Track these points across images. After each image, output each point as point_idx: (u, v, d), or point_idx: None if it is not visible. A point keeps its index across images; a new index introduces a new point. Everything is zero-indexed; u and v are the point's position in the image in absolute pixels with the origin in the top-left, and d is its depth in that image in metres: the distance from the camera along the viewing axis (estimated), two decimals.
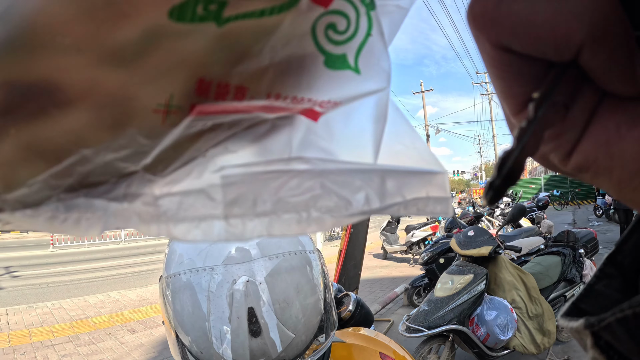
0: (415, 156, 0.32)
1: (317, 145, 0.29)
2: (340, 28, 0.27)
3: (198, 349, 0.90)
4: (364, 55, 0.29)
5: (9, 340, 6.37)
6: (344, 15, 0.27)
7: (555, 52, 0.21)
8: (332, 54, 0.27)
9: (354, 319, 1.60)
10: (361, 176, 0.29)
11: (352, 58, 0.28)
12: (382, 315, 7.08)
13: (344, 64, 0.28)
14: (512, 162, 0.21)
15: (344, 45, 0.28)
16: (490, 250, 4.27)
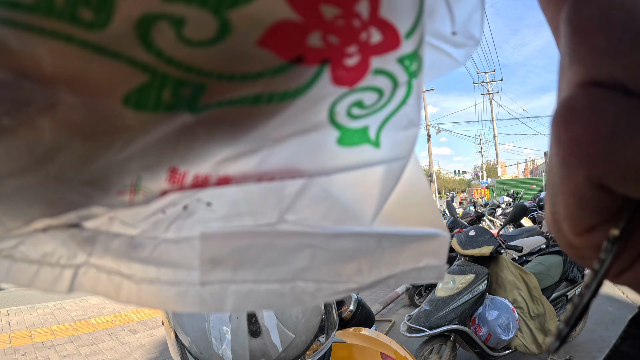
0: (421, 215, 0.29)
1: (311, 208, 0.25)
2: (368, 103, 0.23)
3: (198, 350, 0.90)
4: (389, 127, 0.25)
5: (10, 340, 6.37)
6: (376, 90, 0.23)
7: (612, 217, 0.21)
8: (349, 128, 0.23)
9: (355, 319, 1.60)
10: (356, 242, 0.26)
11: (374, 131, 0.24)
12: (383, 315, 7.08)
13: (362, 139, 0.24)
14: (580, 311, 0.21)
15: (367, 118, 0.24)
16: (491, 250, 4.26)
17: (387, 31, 0.21)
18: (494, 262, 4.40)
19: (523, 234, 7.51)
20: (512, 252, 5.12)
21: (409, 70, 0.23)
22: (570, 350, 4.95)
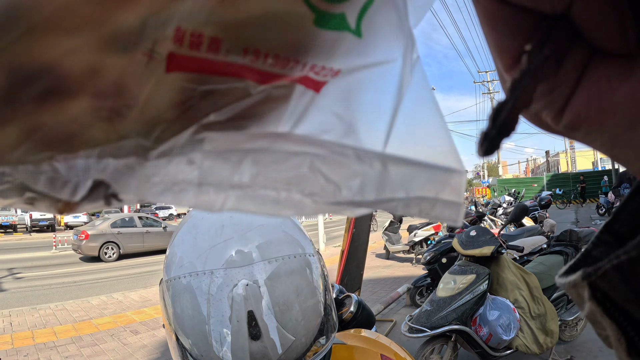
0: (434, 146, 0.27)
1: (317, 120, 0.26)
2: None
3: (198, 352, 0.90)
4: (369, 16, 0.25)
5: (12, 341, 6.39)
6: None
7: (548, 3, 0.21)
8: (325, 11, 0.23)
9: (356, 320, 1.60)
10: (361, 160, 0.25)
11: (354, 19, 0.24)
12: (384, 315, 7.08)
13: (340, 24, 0.24)
14: (507, 113, 0.21)
15: (343, 4, 0.24)
16: (492, 250, 4.26)
17: None
18: (495, 262, 4.41)
19: (524, 234, 7.51)
20: (513, 252, 5.12)
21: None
22: (572, 350, 4.96)
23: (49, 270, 13.59)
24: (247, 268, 0.89)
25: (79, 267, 14.18)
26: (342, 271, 5.94)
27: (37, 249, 19.29)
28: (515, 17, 0.22)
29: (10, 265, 14.24)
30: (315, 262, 1.00)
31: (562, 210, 26.31)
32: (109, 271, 13.30)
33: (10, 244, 22.46)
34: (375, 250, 13.75)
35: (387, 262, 11.99)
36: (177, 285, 0.91)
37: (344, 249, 5.97)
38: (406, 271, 10.46)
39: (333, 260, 10.55)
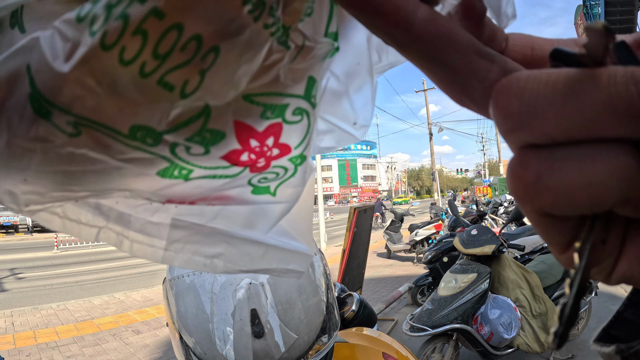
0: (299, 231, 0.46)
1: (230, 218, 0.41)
2: (270, 178, 0.40)
3: (202, 351, 0.91)
4: (282, 186, 0.41)
5: (14, 341, 6.40)
6: (274, 173, 0.40)
7: (591, 211, 0.22)
8: (259, 186, 0.40)
9: (357, 319, 1.61)
10: (252, 244, 0.42)
11: (273, 188, 0.41)
12: (386, 314, 7.09)
13: (265, 191, 0.41)
14: (569, 309, 0.23)
15: (269, 183, 0.41)
16: (493, 249, 4.27)
17: (282, 148, 0.38)
18: (496, 261, 4.41)
19: (525, 233, 7.51)
20: (514, 250, 5.12)
21: (295, 163, 0.40)
22: (573, 349, 4.96)
23: (50, 270, 13.59)
24: None
25: (81, 267, 14.18)
26: (343, 270, 5.94)
27: (38, 249, 19.31)
28: (562, 221, 0.24)
29: (12, 266, 14.25)
30: (317, 261, 1.00)
31: None
32: (111, 271, 13.31)
33: (11, 244, 22.47)
34: (376, 250, 13.75)
35: (389, 261, 11.99)
36: (181, 284, 0.92)
37: (345, 248, 5.97)
38: (407, 270, 10.46)
39: (334, 260, 10.55)
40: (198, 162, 0.36)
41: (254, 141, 0.37)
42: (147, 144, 0.34)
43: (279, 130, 0.38)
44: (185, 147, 0.34)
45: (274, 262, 0.43)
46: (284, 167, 0.40)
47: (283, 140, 0.38)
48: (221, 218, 0.41)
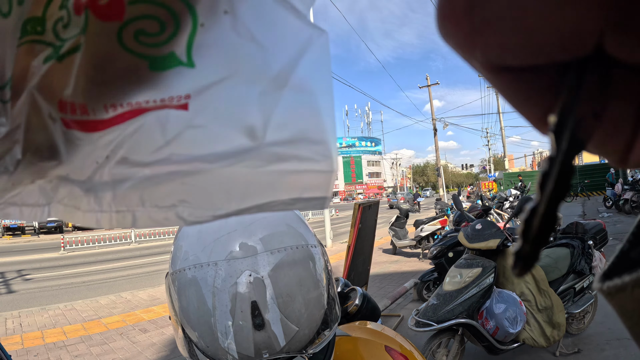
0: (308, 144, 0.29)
1: (190, 139, 0.30)
2: (152, 31, 0.28)
3: (204, 344, 0.92)
4: (198, 50, 0.29)
5: (22, 342, 6.43)
6: (153, 18, 0.28)
7: (565, 54, 0.16)
8: (154, 56, 0.29)
9: (361, 313, 1.61)
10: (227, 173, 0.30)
11: (184, 54, 0.29)
12: (392, 310, 7.09)
13: (172, 62, 0.29)
14: (540, 219, 0.18)
15: (167, 45, 0.29)
16: (498, 243, 4.26)
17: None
18: (500, 256, 4.40)
19: None
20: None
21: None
22: (579, 343, 4.94)
23: (57, 271, 13.66)
24: (251, 259, 0.90)
25: (88, 268, 14.23)
26: (348, 266, 5.94)
27: (45, 251, 19.39)
28: (528, 80, 0.18)
29: (20, 267, 14.32)
30: (317, 254, 1.01)
31: (569, 203, 26.19)
32: (118, 271, 13.35)
33: (18, 245, 22.57)
34: (382, 246, 13.74)
35: (394, 258, 11.98)
36: (183, 277, 0.93)
37: (350, 245, 5.97)
38: (413, 266, 10.46)
39: (340, 257, 10.56)
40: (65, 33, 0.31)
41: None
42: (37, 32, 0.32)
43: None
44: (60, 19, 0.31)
45: (270, 194, 0.30)
46: (162, 5, 0.28)
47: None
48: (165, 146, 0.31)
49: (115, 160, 0.33)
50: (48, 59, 0.33)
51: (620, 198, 17.25)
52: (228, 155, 0.29)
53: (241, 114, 0.29)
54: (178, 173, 0.31)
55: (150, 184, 0.32)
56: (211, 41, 0.29)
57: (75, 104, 0.33)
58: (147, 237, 22.37)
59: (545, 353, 4.76)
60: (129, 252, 18.29)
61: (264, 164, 0.29)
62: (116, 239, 21.41)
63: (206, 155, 0.29)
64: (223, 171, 0.29)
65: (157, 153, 0.31)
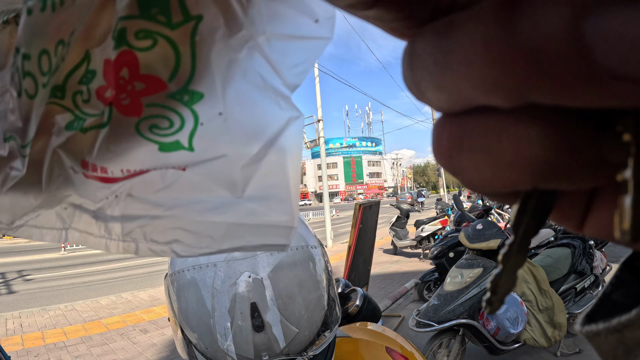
0: (278, 203, 0.38)
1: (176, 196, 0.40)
2: (163, 126, 0.38)
3: (204, 346, 0.91)
4: (198, 138, 0.38)
5: (22, 342, 6.43)
6: (163, 117, 0.38)
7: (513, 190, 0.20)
8: (163, 142, 0.39)
9: (362, 313, 1.61)
10: (211, 227, 0.39)
11: (185, 141, 0.38)
12: (392, 310, 7.09)
13: (177, 147, 0.39)
14: (506, 280, 0.22)
15: (174, 135, 0.39)
16: (499, 243, 4.26)
17: (149, 81, 0.36)
18: None
19: None
20: None
21: (184, 102, 0.37)
22: (580, 343, 4.94)
23: (58, 272, 13.66)
24: (250, 260, 0.89)
25: (88, 268, 14.24)
26: (349, 267, 5.94)
27: (46, 251, 19.41)
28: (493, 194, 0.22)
29: (20, 268, 14.33)
30: (318, 255, 1.00)
31: None
32: (118, 271, 13.36)
33: (19, 246, 22.60)
34: (382, 246, 13.74)
35: (395, 258, 11.98)
36: (182, 279, 0.92)
37: (350, 245, 5.96)
38: (414, 266, 10.45)
39: (340, 257, 10.56)
40: (86, 108, 0.41)
41: (111, 73, 0.37)
42: (57, 96, 0.41)
43: (133, 59, 0.36)
44: (79, 92, 0.39)
45: (241, 241, 0.39)
46: (174, 112, 0.38)
47: (145, 71, 0.36)
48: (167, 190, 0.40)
49: (123, 198, 0.43)
50: (71, 127, 0.43)
51: None
52: (215, 207, 0.38)
53: (227, 178, 0.37)
54: (174, 217, 0.40)
55: (152, 223, 0.41)
56: (207, 134, 0.38)
57: (97, 166, 0.43)
58: None
59: (546, 353, 4.76)
60: None
61: (241, 217, 0.38)
62: None
63: (197, 203, 0.39)
64: (210, 219, 0.39)
65: (158, 195, 0.41)
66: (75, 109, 0.41)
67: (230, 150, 0.38)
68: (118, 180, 0.42)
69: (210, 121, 0.37)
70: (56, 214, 0.47)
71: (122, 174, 0.41)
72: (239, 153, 0.37)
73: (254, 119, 0.37)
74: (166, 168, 0.39)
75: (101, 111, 0.39)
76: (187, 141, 0.38)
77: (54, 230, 0.47)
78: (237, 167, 0.37)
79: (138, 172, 0.41)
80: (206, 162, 0.38)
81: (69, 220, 0.47)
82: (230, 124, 0.37)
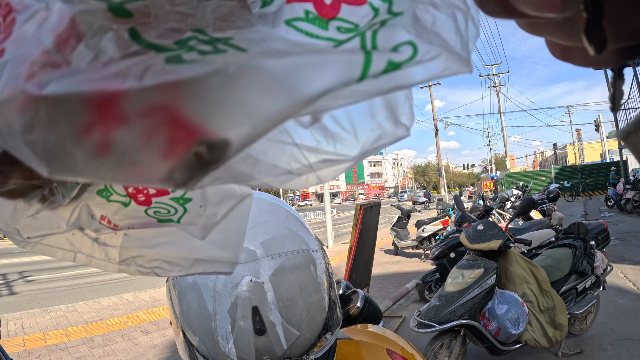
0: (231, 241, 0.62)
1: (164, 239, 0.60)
2: (164, 212, 0.58)
3: (205, 349, 0.91)
4: (184, 218, 0.58)
5: (24, 343, 6.44)
6: (167, 206, 0.58)
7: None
8: (162, 219, 0.58)
9: (362, 315, 1.61)
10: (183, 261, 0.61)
11: (176, 219, 0.58)
12: (393, 311, 7.09)
13: (169, 221, 0.59)
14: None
15: (171, 216, 0.58)
16: (500, 243, 4.26)
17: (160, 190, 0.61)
18: (502, 256, 4.40)
19: (532, 227, 7.48)
20: (520, 245, 5.11)
21: (180, 203, 0.60)
22: (581, 343, 4.94)
23: (59, 273, 13.66)
24: (252, 264, 0.90)
25: (90, 269, 14.22)
26: (350, 268, 5.94)
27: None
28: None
29: (21, 269, 14.35)
30: (319, 258, 1.00)
31: (571, 202, 26.21)
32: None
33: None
34: (383, 247, 13.74)
35: (396, 258, 11.98)
36: (183, 282, 0.93)
37: (351, 246, 5.97)
38: (415, 267, 10.46)
39: (341, 257, 10.55)
40: (116, 187, 0.57)
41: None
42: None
43: None
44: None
45: (202, 269, 0.60)
46: (172, 207, 0.58)
47: None
48: (158, 234, 0.59)
49: (122, 234, 0.59)
50: (100, 194, 0.56)
51: (622, 197, 17.24)
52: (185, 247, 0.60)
53: (196, 232, 0.59)
54: (157, 253, 0.59)
55: (141, 255, 0.58)
56: (191, 215, 0.58)
57: (112, 221, 0.57)
58: None
59: (547, 354, 4.76)
60: None
61: (203, 254, 0.60)
62: None
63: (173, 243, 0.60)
64: (182, 256, 0.59)
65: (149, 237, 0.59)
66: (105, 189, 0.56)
67: (202, 221, 0.58)
68: (121, 229, 0.58)
69: (193, 209, 0.58)
70: (65, 238, 0.59)
71: (128, 229, 0.58)
72: (207, 221, 0.58)
73: (221, 203, 0.58)
74: (158, 228, 0.58)
75: (125, 195, 0.57)
76: (177, 219, 0.58)
77: (62, 250, 0.59)
78: (205, 226, 0.58)
79: (139, 226, 0.58)
80: (186, 226, 0.58)
81: (77, 244, 0.59)
82: (206, 209, 0.58)
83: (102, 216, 0.57)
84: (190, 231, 0.58)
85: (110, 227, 0.57)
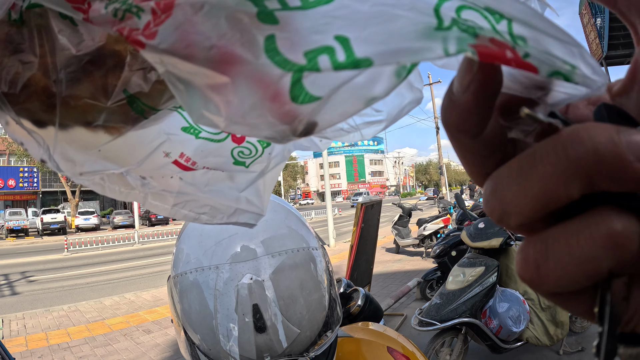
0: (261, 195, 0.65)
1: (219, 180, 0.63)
2: (246, 153, 0.64)
3: (206, 346, 0.92)
4: (253, 164, 0.64)
5: (26, 343, 6.45)
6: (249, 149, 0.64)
7: (593, 281, 0.23)
8: (237, 160, 0.63)
9: (363, 313, 1.62)
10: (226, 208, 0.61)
11: (248, 163, 0.64)
12: (395, 309, 7.09)
13: (242, 164, 0.63)
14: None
15: (246, 159, 0.63)
16: (501, 241, 4.26)
17: None
18: (503, 254, 4.40)
19: None
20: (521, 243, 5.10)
21: (262, 145, 0.64)
22: (583, 341, 4.94)
23: (61, 273, 13.69)
24: (252, 262, 0.90)
25: (91, 269, 14.26)
26: (351, 266, 5.95)
27: (49, 252, 19.45)
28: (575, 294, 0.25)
29: (23, 269, 14.37)
30: (319, 256, 1.01)
31: None
32: (121, 272, 13.38)
33: (22, 247, 22.64)
34: (385, 245, 13.75)
35: (397, 257, 11.98)
36: (184, 281, 0.93)
37: (353, 244, 5.97)
38: (416, 265, 10.45)
39: (343, 256, 10.55)
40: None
41: None
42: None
43: None
44: None
45: (238, 218, 0.62)
46: (254, 146, 0.63)
47: None
48: (209, 182, 0.62)
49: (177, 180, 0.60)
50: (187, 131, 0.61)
51: None
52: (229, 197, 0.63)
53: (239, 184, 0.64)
54: (207, 199, 0.61)
55: (194, 199, 0.60)
56: (258, 163, 0.64)
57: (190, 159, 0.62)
58: (150, 238, 22.42)
59: (548, 352, 4.76)
60: (133, 252, 18.33)
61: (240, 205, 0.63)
62: (119, 240, 21.48)
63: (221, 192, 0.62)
64: (226, 204, 0.61)
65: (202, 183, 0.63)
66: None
67: (262, 168, 0.64)
68: (189, 169, 0.61)
69: (265, 155, 0.64)
70: (123, 178, 0.60)
71: (196, 167, 0.61)
72: (264, 169, 0.64)
73: (274, 158, 0.64)
74: (221, 171, 0.63)
75: (218, 132, 0.61)
76: (247, 164, 0.63)
77: (117, 191, 0.59)
78: (262, 172, 0.64)
79: (215, 166, 0.62)
80: (247, 172, 0.63)
81: (134, 184, 0.60)
82: (271, 159, 0.64)
83: (181, 154, 0.60)
84: (242, 179, 0.63)
85: (187, 165, 0.60)
